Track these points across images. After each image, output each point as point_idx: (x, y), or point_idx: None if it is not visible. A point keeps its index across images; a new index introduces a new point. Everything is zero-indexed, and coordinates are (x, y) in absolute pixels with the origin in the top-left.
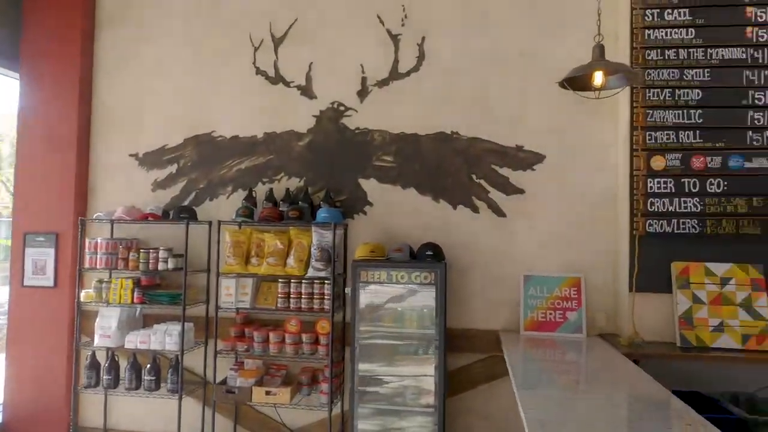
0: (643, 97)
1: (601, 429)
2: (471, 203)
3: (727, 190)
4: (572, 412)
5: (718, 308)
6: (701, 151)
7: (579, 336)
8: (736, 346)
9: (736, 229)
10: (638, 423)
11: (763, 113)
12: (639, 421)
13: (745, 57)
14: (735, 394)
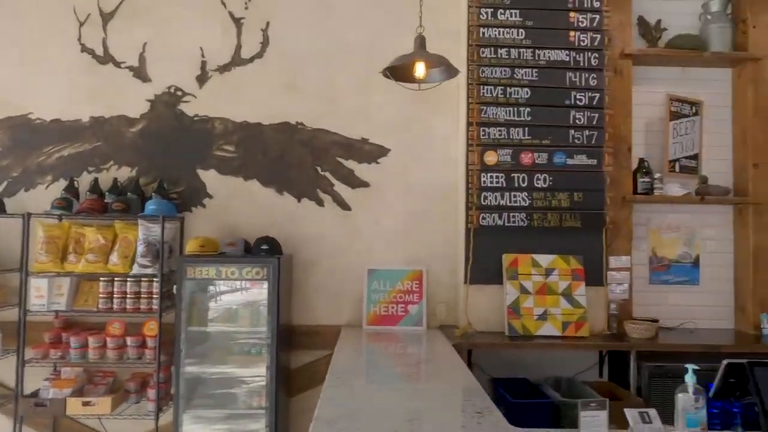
0: (477, 94)
1: (387, 421)
2: (316, 196)
3: (552, 185)
4: (371, 405)
5: (543, 297)
6: (530, 148)
7: (419, 329)
8: (557, 333)
9: (559, 222)
10: (429, 413)
11: (583, 113)
12: (431, 412)
13: (569, 59)
14: (558, 378)
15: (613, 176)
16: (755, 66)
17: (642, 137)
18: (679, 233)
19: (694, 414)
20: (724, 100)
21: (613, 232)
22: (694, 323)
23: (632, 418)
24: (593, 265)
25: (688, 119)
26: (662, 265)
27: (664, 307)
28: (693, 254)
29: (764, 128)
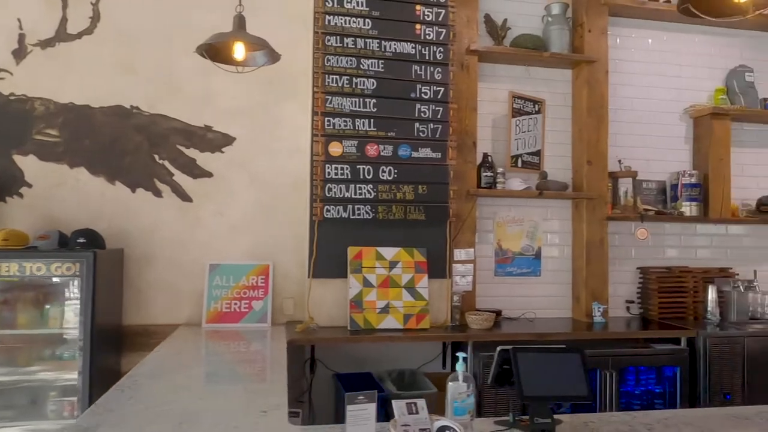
0: (322, 83)
1: (156, 425)
2: (153, 186)
3: (397, 177)
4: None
5: (386, 290)
6: (375, 140)
7: (263, 326)
8: (399, 326)
9: (404, 215)
10: (208, 415)
11: (429, 107)
12: (212, 413)
13: (414, 52)
14: (402, 371)
15: (458, 170)
16: (590, 68)
17: (488, 133)
18: (523, 226)
19: (461, 402)
20: (565, 99)
21: (458, 225)
22: (534, 313)
23: (398, 409)
24: (437, 257)
25: (530, 117)
26: (507, 257)
27: (509, 298)
28: (535, 247)
29: (597, 127)
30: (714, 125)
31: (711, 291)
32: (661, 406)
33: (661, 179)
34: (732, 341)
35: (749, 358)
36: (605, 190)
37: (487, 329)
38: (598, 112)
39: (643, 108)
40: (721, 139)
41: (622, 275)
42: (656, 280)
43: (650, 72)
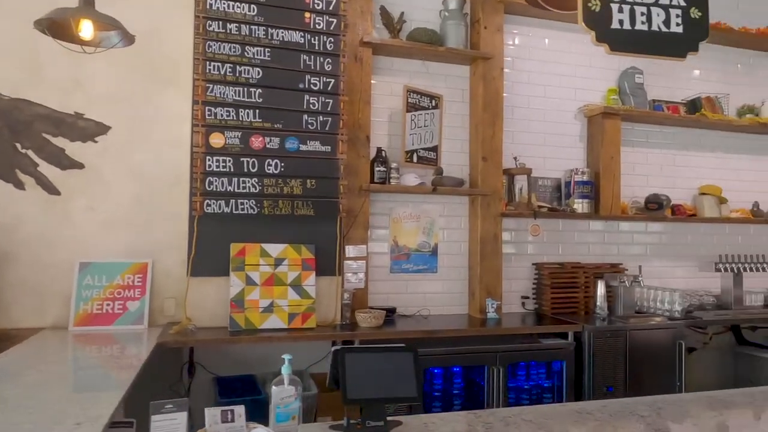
0: (203, 70)
1: None
2: (14, 177)
3: (284, 171)
4: None
5: (270, 289)
6: (260, 131)
7: (139, 327)
8: (283, 325)
9: (292, 210)
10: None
11: (318, 98)
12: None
13: (304, 42)
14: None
15: (350, 164)
16: (486, 64)
17: (385, 127)
18: (420, 223)
19: (284, 408)
20: (463, 95)
21: (349, 221)
22: (428, 310)
23: (210, 418)
24: (327, 254)
25: (427, 112)
26: (403, 254)
27: (405, 296)
28: (432, 243)
29: (492, 124)
30: (605, 124)
31: (600, 286)
32: (549, 400)
33: (556, 177)
34: (615, 335)
35: (631, 351)
36: (500, 187)
37: (376, 327)
38: (494, 109)
39: (540, 106)
40: (612, 138)
41: (518, 271)
42: (549, 275)
43: (547, 71)
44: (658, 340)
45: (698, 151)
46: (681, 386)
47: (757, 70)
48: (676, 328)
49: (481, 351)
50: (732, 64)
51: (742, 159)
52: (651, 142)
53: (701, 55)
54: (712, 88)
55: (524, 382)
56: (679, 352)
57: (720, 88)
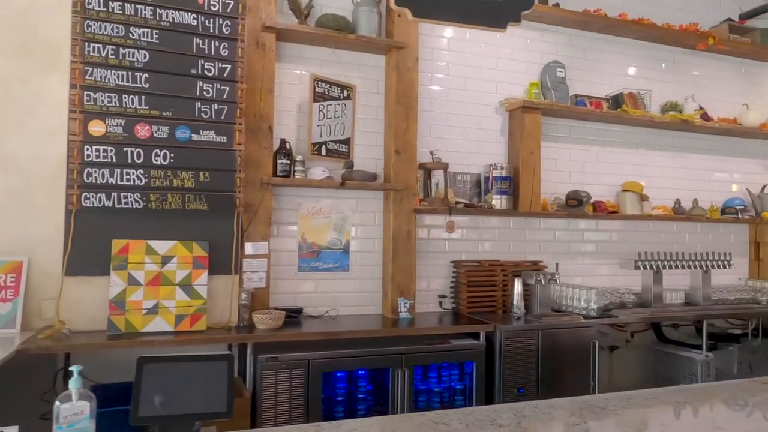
0: (81, 52)
1: None
2: None
3: (174, 162)
4: None
5: (156, 289)
6: (147, 119)
7: (11, 332)
8: (169, 328)
9: (183, 205)
10: None
11: (213, 85)
12: None
13: (197, 24)
14: None
15: (251, 156)
16: (399, 54)
17: (293, 118)
18: (330, 219)
19: (68, 428)
20: (379, 86)
21: (249, 217)
22: (336, 311)
23: None
24: (223, 251)
25: (338, 102)
26: (312, 251)
27: (314, 295)
28: (344, 240)
29: (406, 116)
30: (525, 119)
31: (517, 284)
32: (462, 403)
33: (477, 172)
34: (526, 335)
35: (544, 351)
36: (414, 182)
37: (275, 329)
38: (408, 101)
39: (460, 99)
40: (532, 133)
41: (436, 269)
42: (466, 274)
43: (468, 63)
44: (572, 340)
45: (622, 147)
46: (595, 386)
47: (681, 67)
48: (592, 327)
49: (384, 353)
50: (657, 60)
51: (665, 156)
52: (574, 137)
53: (626, 52)
54: (637, 84)
55: (436, 384)
56: (594, 351)
57: (645, 85)
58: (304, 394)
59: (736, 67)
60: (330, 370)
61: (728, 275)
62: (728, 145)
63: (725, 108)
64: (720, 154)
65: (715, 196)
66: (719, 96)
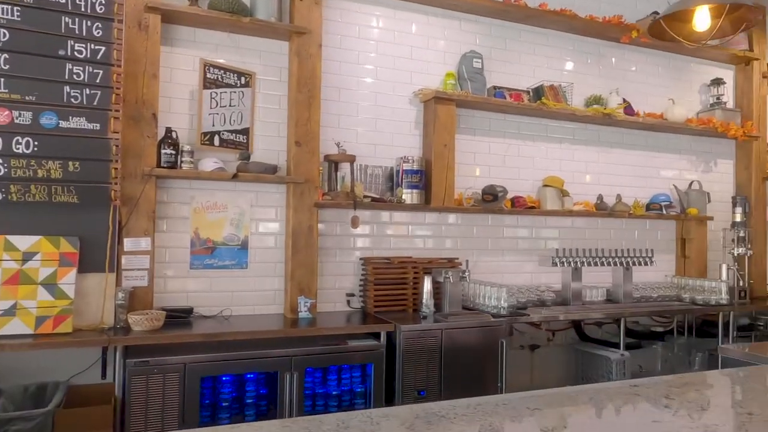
0: None
1: None
2: None
3: (38, 151)
4: None
5: (14, 288)
6: (7, 104)
7: None
8: (28, 330)
9: (49, 197)
10: None
11: (84, 68)
12: None
13: (66, 2)
14: (43, 384)
15: (132, 146)
16: (301, 40)
17: (185, 106)
18: (227, 213)
19: None
20: (282, 74)
21: (129, 210)
22: (230, 311)
23: None
24: (96, 248)
25: (234, 90)
26: (207, 248)
27: (209, 294)
28: (242, 236)
29: (307, 105)
30: (438, 110)
31: (426, 282)
32: (362, 406)
33: (390, 165)
34: (428, 335)
35: (448, 352)
36: (316, 174)
37: (153, 330)
38: (310, 89)
39: (372, 89)
40: (446, 125)
41: (346, 266)
42: (373, 271)
43: (380, 51)
44: (480, 339)
45: (545, 141)
46: (502, 387)
47: (608, 61)
48: (501, 326)
49: (271, 356)
50: (583, 53)
51: (590, 151)
52: (494, 130)
53: (550, 43)
54: (562, 77)
55: (335, 388)
56: (501, 351)
57: (571, 78)
58: (179, 400)
59: (664, 61)
60: (211, 374)
61: (655, 272)
62: (656, 140)
63: (654, 102)
64: (647, 150)
65: (642, 192)
66: (647, 90)
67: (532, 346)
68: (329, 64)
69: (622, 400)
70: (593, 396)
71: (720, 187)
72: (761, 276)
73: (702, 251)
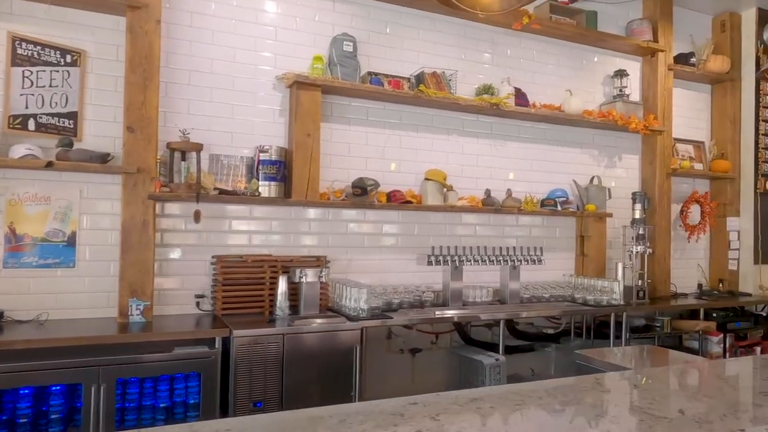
0: None
1: None
2: None
3: None
4: None
5: None
6: None
7: None
8: None
9: None
10: None
11: None
12: None
13: None
14: None
15: None
16: (135, 15)
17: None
18: (50, 206)
19: None
20: (119, 53)
21: None
22: (47, 314)
23: None
24: None
25: (56, 68)
26: (24, 244)
27: (27, 297)
28: (68, 231)
29: (142, 87)
30: (300, 96)
31: (281, 282)
32: (195, 419)
33: (251, 155)
34: (267, 340)
35: (290, 360)
36: (153, 164)
37: None
38: (146, 70)
39: (229, 72)
40: (309, 113)
41: (196, 265)
42: (222, 270)
43: (240, 32)
44: (330, 345)
45: (430, 132)
46: (355, 396)
47: (502, 49)
48: (353, 330)
49: (76, 366)
50: (475, 40)
51: (481, 144)
52: (372, 120)
53: (439, 29)
54: (454, 65)
55: (165, 400)
56: (356, 357)
57: (462, 66)
58: None
59: (566, 51)
60: (6, 387)
61: (553, 271)
62: (556, 133)
63: (555, 94)
64: (546, 143)
65: (541, 187)
66: (547, 81)
67: (414, 350)
68: (177, 44)
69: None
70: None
71: (625, 183)
72: (666, 275)
73: (601, 249)
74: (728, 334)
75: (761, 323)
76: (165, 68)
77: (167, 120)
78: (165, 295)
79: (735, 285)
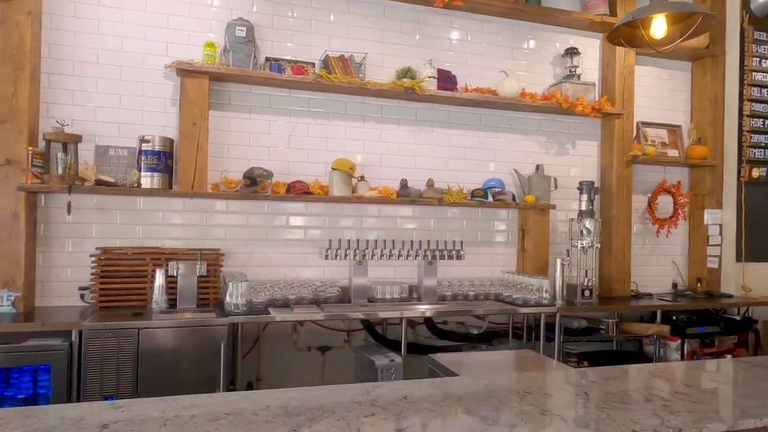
0: None
1: None
2: None
3: None
4: None
5: None
6: None
7: None
8: None
9: None
10: None
11: None
12: None
13: None
14: None
15: None
16: (5, 6)
17: None
18: None
19: None
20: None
21: None
22: None
23: None
24: None
25: None
26: None
27: None
28: None
29: (12, 78)
30: (186, 84)
31: (158, 276)
32: None
33: (135, 146)
34: (120, 334)
35: (146, 354)
36: (24, 155)
37: None
38: (17, 60)
39: (115, 62)
40: (196, 101)
41: (83, 257)
42: (101, 263)
43: (127, 21)
44: (195, 341)
45: (342, 120)
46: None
47: (429, 29)
48: (220, 327)
49: None
50: (393, 20)
51: (402, 131)
52: (276, 108)
53: (351, 10)
54: (366, 47)
55: (16, 391)
56: (223, 355)
57: (379, 49)
58: None
59: (502, 29)
60: None
61: (491, 267)
62: (493, 119)
63: (491, 76)
64: (480, 130)
65: (474, 177)
66: (482, 63)
67: (323, 348)
68: (60, 35)
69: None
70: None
71: (580, 172)
72: (625, 273)
73: (542, 244)
74: (690, 340)
75: (734, 328)
76: (48, 60)
77: (49, 111)
78: (50, 287)
79: (716, 285)
